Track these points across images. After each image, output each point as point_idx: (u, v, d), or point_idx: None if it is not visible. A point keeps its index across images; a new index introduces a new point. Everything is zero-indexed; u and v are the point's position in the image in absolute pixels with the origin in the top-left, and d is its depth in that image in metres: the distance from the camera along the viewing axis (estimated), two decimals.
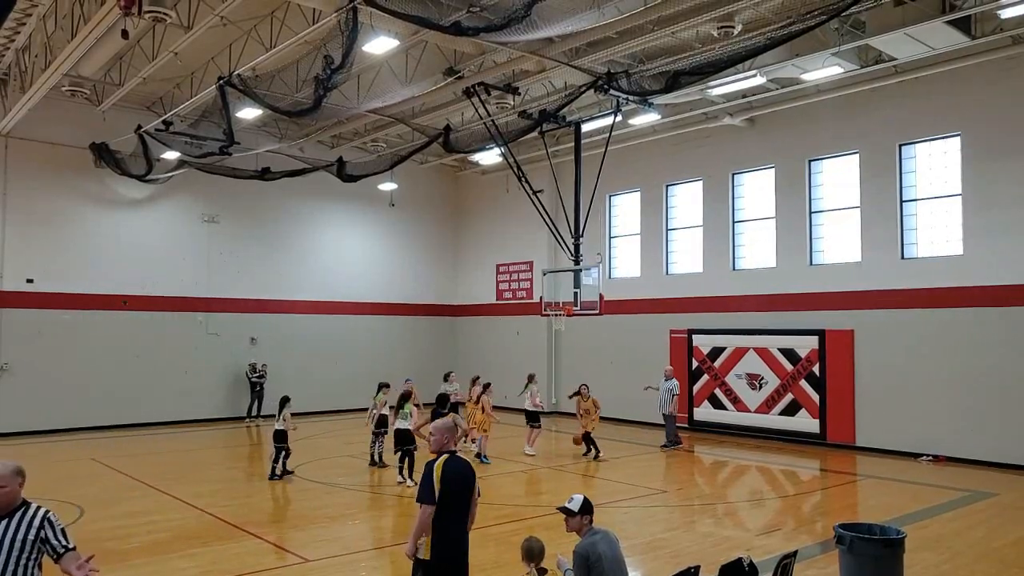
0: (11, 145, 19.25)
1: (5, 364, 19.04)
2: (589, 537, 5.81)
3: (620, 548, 5.91)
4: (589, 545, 5.71)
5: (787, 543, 9.23)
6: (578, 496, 6.06)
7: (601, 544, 5.72)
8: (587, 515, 5.95)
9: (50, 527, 4.56)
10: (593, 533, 5.86)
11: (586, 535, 5.85)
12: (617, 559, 5.76)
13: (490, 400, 16.03)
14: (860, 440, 17.19)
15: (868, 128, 17.38)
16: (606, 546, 5.73)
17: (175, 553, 9.12)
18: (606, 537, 5.85)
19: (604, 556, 5.63)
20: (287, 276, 23.84)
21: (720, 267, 20.31)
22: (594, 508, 6.01)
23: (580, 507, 5.95)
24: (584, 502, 5.99)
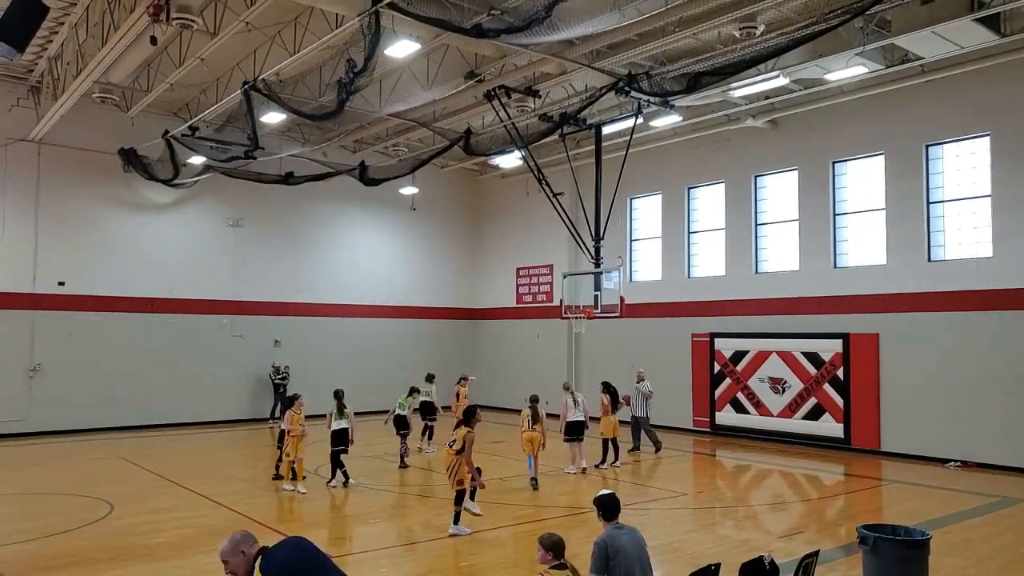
0: (43, 151, 19.65)
1: (38, 365, 19.41)
2: (612, 530, 5.76)
3: (646, 549, 5.83)
4: (609, 537, 5.63)
5: (809, 546, 9.13)
6: (604, 491, 6.09)
7: (622, 539, 5.66)
8: (598, 511, 5.94)
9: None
10: (617, 527, 5.81)
11: (609, 528, 5.80)
12: (636, 552, 5.67)
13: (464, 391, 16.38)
14: (885, 445, 16.99)
15: (893, 129, 17.21)
16: (626, 540, 5.66)
17: (201, 549, 9.25)
18: (629, 534, 5.78)
19: (625, 550, 5.55)
20: (310, 279, 24.08)
21: (743, 270, 20.20)
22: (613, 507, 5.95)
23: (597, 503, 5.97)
24: (594, 499, 6.02)
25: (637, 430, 17.30)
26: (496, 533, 10.28)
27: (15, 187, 19.33)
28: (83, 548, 9.28)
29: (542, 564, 5.31)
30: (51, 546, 9.38)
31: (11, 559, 8.86)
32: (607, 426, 15.47)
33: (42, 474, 14.46)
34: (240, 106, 15.89)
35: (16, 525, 10.45)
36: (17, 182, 19.35)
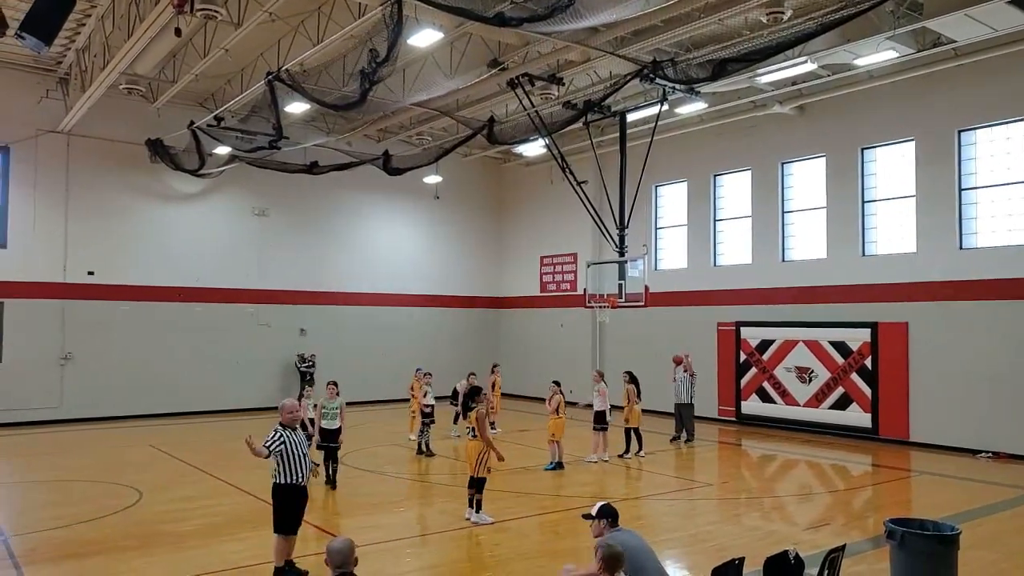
0: (72, 142, 19.91)
1: (69, 354, 19.75)
2: (613, 532, 5.98)
3: (647, 542, 5.99)
4: (611, 537, 5.77)
5: (836, 538, 9.05)
6: (600, 503, 6.29)
7: (622, 535, 5.82)
8: (606, 518, 6.09)
9: None
10: (616, 531, 6.00)
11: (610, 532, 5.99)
12: (643, 548, 5.81)
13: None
14: (914, 435, 16.77)
15: (925, 114, 16.87)
16: (628, 536, 5.83)
17: (227, 536, 9.38)
18: (628, 532, 6.00)
19: (625, 543, 5.61)
20: (334, 268, 24.23)
21: (769, 258, 19.98)
22: (618, 514, 6.15)
23: (598, 511, 6.12)
24: (603, 507, 6.17)
25: (678, 417, 17.32)
26: (520, 523, 10.30)
27: (45, 178, 19.61)
28: (112, 535, 9.43)
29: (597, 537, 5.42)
30: (82, 532, 9.55)
31: (43, 545, 9.03)
32: (631, 416, 15.41)
33: (73, 461, 14.72)
34: (264, 96, 15.96)
35: (48, 511, 10.64)
36: (47, 173, 19.63)
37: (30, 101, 19.23)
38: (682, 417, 17.25)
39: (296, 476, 7.74)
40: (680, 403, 17.31)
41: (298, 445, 7.81)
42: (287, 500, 7.76)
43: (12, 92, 19.08)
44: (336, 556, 4.51)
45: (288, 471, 7.73)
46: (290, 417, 7.87)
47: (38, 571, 8.07)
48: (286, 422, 7.84)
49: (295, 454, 7.74)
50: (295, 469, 7.73)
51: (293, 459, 7.72)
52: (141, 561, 8.40)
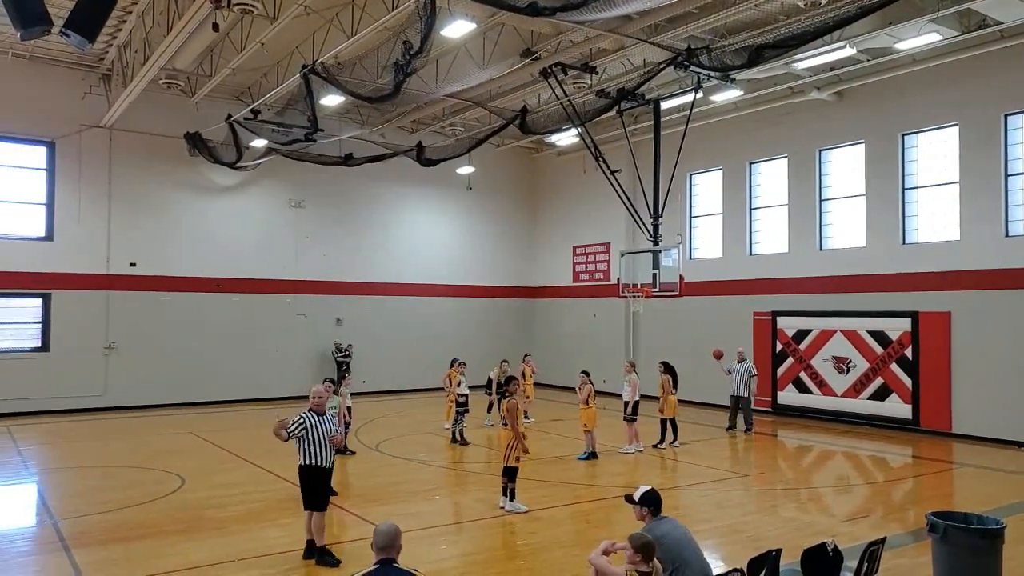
0: (115, 137, 20.34)
1: (113, 343, 20.24)
2: (653, 522, 5.92)
3: (689, 532, 5.95)
4: (647, 529, 5.76)
5: (875, 531, 8.96)
6: (644, 487, 6.21)
7: (663, 525, 5.83)
8: (647, 507, 6.02)
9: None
10: (658, 520, 5.94)
11: (648, 523, 5.93)
12: (686, 539, 5.79)
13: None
14: (957, 427, 16.46)
15: (969, 98, 16.45)
16: (671, 527, 5.82)
17: (267, 522, 9.58)
18: (671, 521, 5.96)
19: (667, 535, 5.67)
20: (370, 259, 24.45)
21: (806, 247, 19.70)
22: (661, 501, 6.07)
23: (640, 497, 6.06)
24: (646, 493, 6.08)
25: (736, 410, 17.39)
26: (553, 512, 10.34)
27: (89, 172, 20.06)
28: (157, 520, 9.68)
29: (630, 564, 5.22)
30: (128, 517, 9.83)
31: (91, 529, 9.30)
32: (668, 406, 15.35)
33: (117, 448, 15.11)
34: (300, 89, 16.13)
35: (95, 497, 10.95)
36: (91, 167, 20.08)
37: (74, 97, 19.68)
38: (739, 408, 17.34)
39: (317, 458, 8.14)
40: (738, 395, 17.34)
41: (322, 430, 8.18)
42: (309, 480, 8.19)
43: (57, 88, 19.54)
44: (381, 538, 4.57)
45: (309, 453, 8.13)
46: (316, 402, 8.34)
47: (87, 554, 8.32)
48: (312, 407, 8.31)
49: (316, 438, 8.13)
50: (316, 452, 8.12)
51: (314, 442, 8.11)
52: (185, 545, 8.61)
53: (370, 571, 4.41)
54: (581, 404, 14.13)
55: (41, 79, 19.36)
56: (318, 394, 8.44)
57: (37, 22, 6.43)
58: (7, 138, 19.41)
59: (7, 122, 19.15)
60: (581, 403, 14.13)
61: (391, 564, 4.49)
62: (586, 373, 14.53)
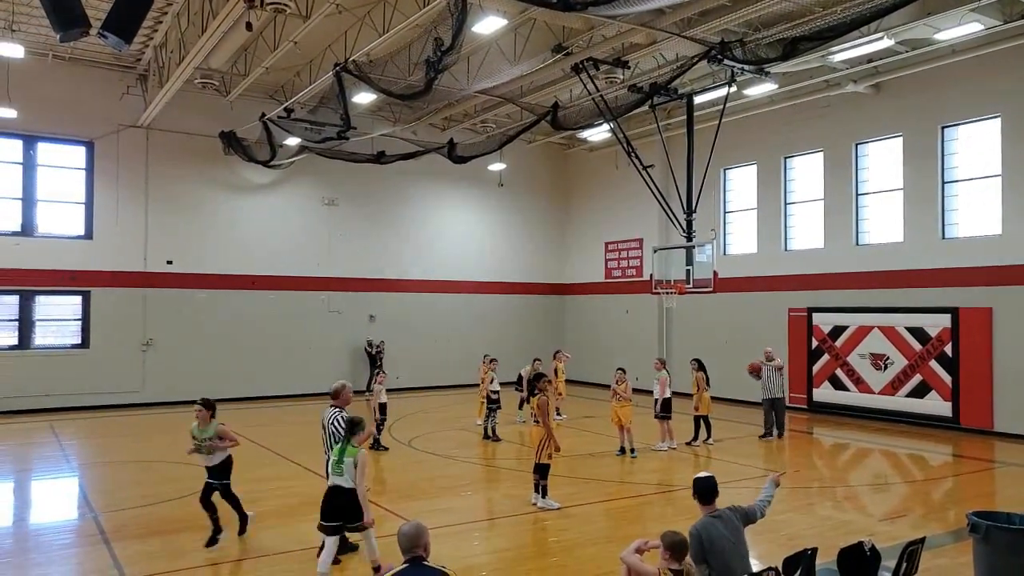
0: (151, 136, 20.70)
1: (150, 340, 20.61)
2: (707, 518, 5.78)
3: (742, 533, 5.83)
4: (703, 527, 5.66)
5: (914, 530, 8.79)
6: (703, 474, 6.08)
7: (718, 527, 5.68)
8: (697, 496, 5.92)
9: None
10: (714, 515, 5.81)
11: (705, 515, 5.82)
12: (736, 544, 5.67)
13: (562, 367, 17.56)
14: (999, 425, 16.10)
15: (1011, 89, 16.05)
16: (718, 534, 5.63)
17: (302, 517, 9.65)
18: (728, 521, 5.78)
19: (720, 540, 5.57)
20: (402, 256, 24.59)
21: (842, 242, 19.38)
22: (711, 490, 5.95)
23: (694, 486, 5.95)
24: (695, 481, 5.97)
25: (771, 413, 15.99)
26: (586, 509, 10.31)
27: (126, 171, 20.44)
28: (195, 514, 9.78)
29: (663, 562, 5.21)
30: (166, 510, 10.01)
31: (130, 522, 9.48)
32: (702, 403, 15.21)
33: (156, 443, 15.37)
34: (332, 87, 16.25)
35: (133, 491, 11.16)
36: (128, 166, 20.46)
37: (112, 98, 20.06)
38: (775, 412, 16.07)
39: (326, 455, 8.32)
40: (773, 398, 16.02)
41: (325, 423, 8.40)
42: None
43: (95, 89, 19.93)
44: (406, 540, 4.58)
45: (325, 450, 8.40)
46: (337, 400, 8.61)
47: (126, 547, 8.48)
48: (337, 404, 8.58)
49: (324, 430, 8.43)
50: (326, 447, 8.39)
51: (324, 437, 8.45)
52: (222, 539, 8.72)
53: (400, 571, 4.43)
54: (624, 401, 13.87)
55: (80, 80, 19.77)
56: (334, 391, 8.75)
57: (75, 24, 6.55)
58: (48, 138, 19.85)
59: (48, 123, 19.59)
60: (625, 400, 13.88)
61: (420, 562, 4.51)
62: (622, 370, 14.35)
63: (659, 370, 15.07)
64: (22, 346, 19.41)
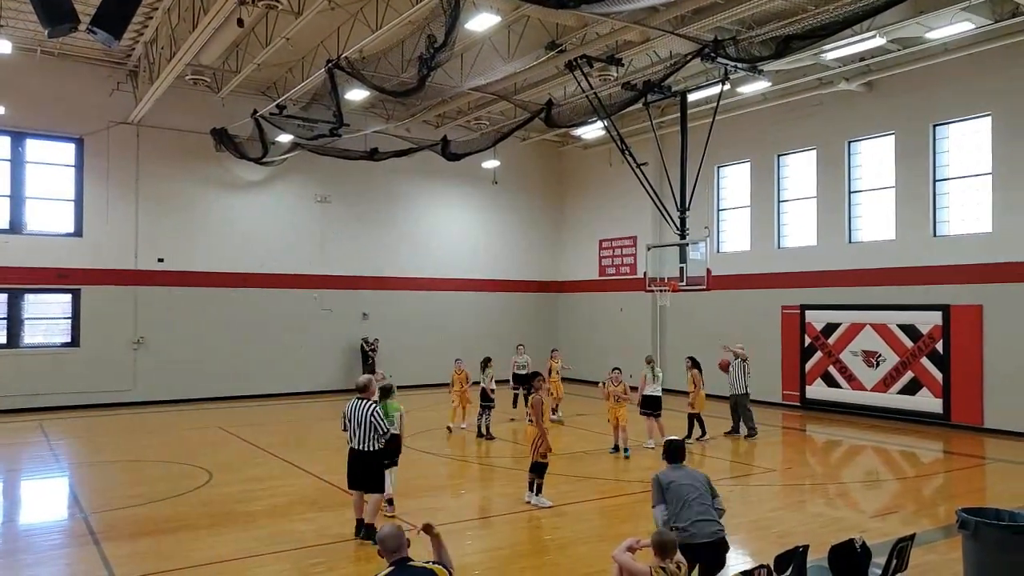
0: (142, 133, 20.58)
1: (141, 338, 20.51)
2: (668, 467, 6.62)
3: (705, 480, 6.50)
4: (661, 473, 6.56)
5: (905, 527, 8.81)
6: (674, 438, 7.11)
7: (676, 472, 6.48)
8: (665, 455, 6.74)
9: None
10: (674, 468, 6.57)
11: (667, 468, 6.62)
12: (694, 484, 6.36)
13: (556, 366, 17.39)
14: (989, 422, 16.17)
15: (1002, 88, 16.11)
16: (680, 474, 6.45)
17: (294, 516, 9.65)
18: (685, 470, 6.56)
19: (677, 480, 6.35)
20: (395, 253, 24.53)
21: (835, 240, 19.43)
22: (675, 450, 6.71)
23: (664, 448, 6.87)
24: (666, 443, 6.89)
25: (735, 409, 15.78)
26: (579, 507, 10.31)
27: (117, 168, 20.32)
28: (185, 514, 9.79)
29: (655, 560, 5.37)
30: (157, 511, 9.95)
31: (120, 522, 9.42)
32: (696, 401, 15.18)
33: (146, 443, 15.30)
34: (325, 84, 16.17)
35: (124, 491, 11.10)
36: (118, 163, 20.33)
37: (102, 94, 19.93)
38: (737, 408, 15.80)
39: (352, 439, 8.74)
40: (735, 394, 15.76)
41: (354, 413, 8.69)
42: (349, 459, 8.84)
43: (85, 85, 19.80)
44: (389, 542, 4.57)
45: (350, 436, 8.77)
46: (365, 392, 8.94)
47: (116, 548, 8.42)
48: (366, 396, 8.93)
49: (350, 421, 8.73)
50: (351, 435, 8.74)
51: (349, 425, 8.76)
52: (213, 539, 8.70)
53: (387, 573, 4.43)
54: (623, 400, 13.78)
55: (69, 76, 19.63)
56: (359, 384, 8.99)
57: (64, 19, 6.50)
58: (36, 135, 19.72)
59: (36, 119, 19.45)
60: (624, 399, 13.79)
61: (406, 563, 4.50)
62: (619, 370, 14.20)
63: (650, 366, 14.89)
64: (11, 345, 19.27)
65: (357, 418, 8.62)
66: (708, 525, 6.20)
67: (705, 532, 6.16)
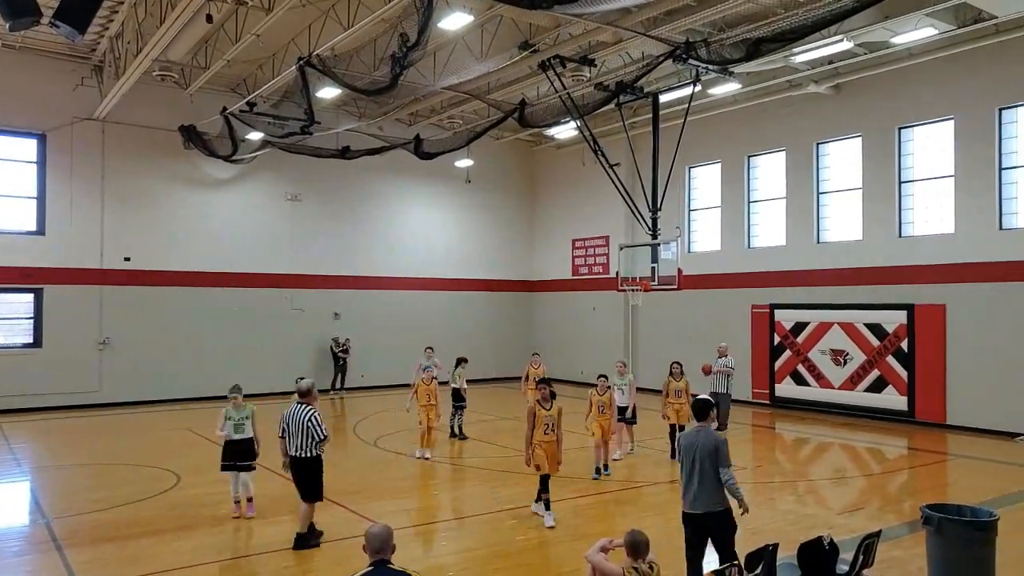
0: (107, 129, 20.20)
1: (107, 338, 20.14)
2: (692, 430, 6.82)
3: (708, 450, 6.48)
4: (683, 435, 6.93)
5: (871, 523, 8.97)
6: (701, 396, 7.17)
7: (690, 437, 6.70)
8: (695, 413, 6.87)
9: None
10: (696, 430, 6.76)
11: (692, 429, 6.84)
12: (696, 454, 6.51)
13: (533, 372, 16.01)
14: (951, 419, 16.51)
15: (965, 93, 16.44)
16: (693, 441, 6.62)
17: (262, 520, 9.54)
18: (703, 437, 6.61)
19: (687, 448, 6.65)
20: (367, 253, 24.37)
21: (804, 240, 19.69)
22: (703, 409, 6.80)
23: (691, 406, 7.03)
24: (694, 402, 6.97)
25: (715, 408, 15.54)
26: (553, 507, 10.29)
27: (81, 165, 19.93)
28: (151, 518, 9.64)
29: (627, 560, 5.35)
30: (122, 515, 9.78)
31: (84, 528, 9.25)
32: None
33: (112, 445, 15.05)
34: (296, 81, 16.02)
35: (89, 495, 10.89)
36: (83, 160, 19.94)
37: (65, 89, 19.52)
38: (719, 407, 15.58)
39: (290, 446, 8.62)
40: (718, 392, 15.75)
41: (292, 418, 8.57)
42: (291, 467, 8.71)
43: (48, 80, 19.39)
44: (375, 540, 4.53)
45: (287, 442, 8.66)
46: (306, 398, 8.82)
47: (80, 553, 8.27)
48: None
49: (288, 426, 8.62)
50: (288, 440, 8.64)
51: (287, 431, 8.64)
52: (180, 543, 8.57)
53: (364, 573, 4.39)
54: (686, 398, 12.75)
55: (31, 70, 19.20)
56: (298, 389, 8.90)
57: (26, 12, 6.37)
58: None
59: None
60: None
61: (385, 565, 4.47)
62: (605, 377, 12.73)
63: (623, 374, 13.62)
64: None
65: (295, 424, 8.46)
66: (702, 495, 6.45)
67: (698, 503, 6.47)
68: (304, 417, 8.42)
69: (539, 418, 9.55)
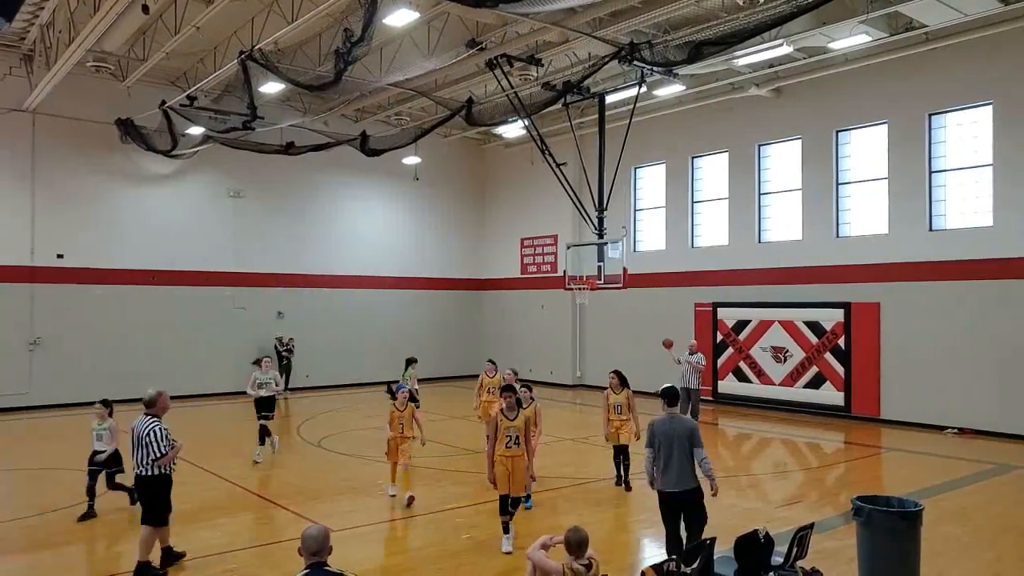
0: (38, 121, 19.48)
1: (38, 339, 19.44)
2: (663, 416, 7.26)
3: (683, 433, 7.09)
4: (656, 421, 7.28)
5: (809, 515, 9.21)
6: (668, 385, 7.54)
7: (666, 424, 7.16)
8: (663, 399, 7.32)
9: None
10: (669, 416, 7.25)
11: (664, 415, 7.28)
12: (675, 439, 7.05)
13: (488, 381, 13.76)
14: (885, 413, 17.07)
15: (897, 97, 17.02)
16: (669, 427, 7.13)
17: (201, 523, 9.34)
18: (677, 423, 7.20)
19: (663, 433, 7.09)
20: (312, 250, 24.02)
21: (746, 240, 20.11)
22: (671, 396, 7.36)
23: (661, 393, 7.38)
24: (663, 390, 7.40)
25: (686, 403, 15.13)
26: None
27: (10, 157, 19.18)
28: (85, 524, 9.35)
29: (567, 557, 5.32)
30: (55, 521, 9.47)
31: (15, 535, 8.94)
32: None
33: (44, 449, 14.55)
34: (238, 76, 15.72)
35: (20, 500, 10.55)
36: (11, 153, 19.20)
37: None
38: (689, 400, 15.74)
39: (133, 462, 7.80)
40: (687, 387, 15.86)
41: (133, 432, 7.86)
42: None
43: None
44: (311, 543, 4.47)
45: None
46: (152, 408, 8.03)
47: (10, 562, 8.00)
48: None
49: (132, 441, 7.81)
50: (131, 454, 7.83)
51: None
52: (117, 549, 8.36)
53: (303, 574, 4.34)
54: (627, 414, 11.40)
55: None
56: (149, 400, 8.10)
57: None
58: None
59: None
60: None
61: (322, 567, 4.42)
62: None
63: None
64: None
65: (135, 437, 7.66)
66: (677, 476, 7.07)
67: (672, 483, 7.11)
68: (144, 430, 7.62)
69: (500, 429, 8.38)
